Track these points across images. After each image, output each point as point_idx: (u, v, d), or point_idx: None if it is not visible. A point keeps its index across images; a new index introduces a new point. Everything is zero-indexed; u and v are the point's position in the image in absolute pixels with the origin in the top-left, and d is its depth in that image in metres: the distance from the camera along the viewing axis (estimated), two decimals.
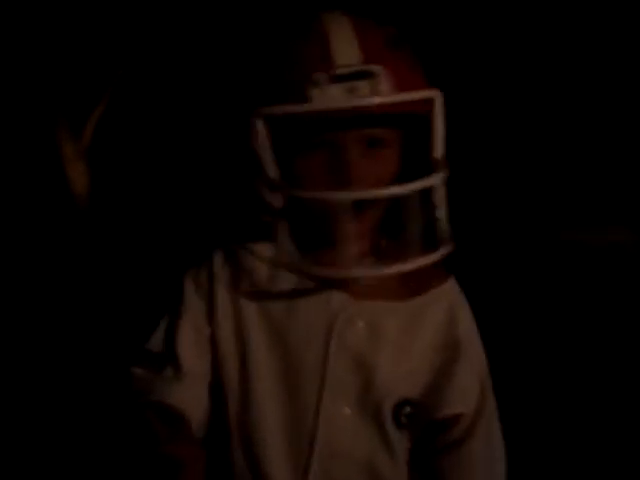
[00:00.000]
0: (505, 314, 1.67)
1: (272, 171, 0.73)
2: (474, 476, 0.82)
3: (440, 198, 0.74)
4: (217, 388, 0.84)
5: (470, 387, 0.82)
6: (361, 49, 0.71)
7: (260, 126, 0.72)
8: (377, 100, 0.69)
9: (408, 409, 0.80)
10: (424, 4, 1.62)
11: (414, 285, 0.80)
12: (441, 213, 0.75)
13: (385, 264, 0.74)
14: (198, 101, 1.63)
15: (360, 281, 0.78)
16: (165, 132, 1.68)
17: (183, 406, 0.80)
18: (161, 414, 0.80)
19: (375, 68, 0.70)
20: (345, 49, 0.71)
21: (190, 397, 0.82)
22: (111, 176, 1.70)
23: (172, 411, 0.80)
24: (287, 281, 0.80)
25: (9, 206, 1.68)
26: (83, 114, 1.67)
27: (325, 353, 0.79)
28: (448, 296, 0.84)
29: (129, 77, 1.68)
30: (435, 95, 0.74)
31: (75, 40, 1.62)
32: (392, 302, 0.81)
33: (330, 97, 0.69)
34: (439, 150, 0.75)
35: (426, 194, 0.74)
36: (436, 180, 0.73)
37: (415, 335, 0.81)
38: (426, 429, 0.82)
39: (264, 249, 0.80)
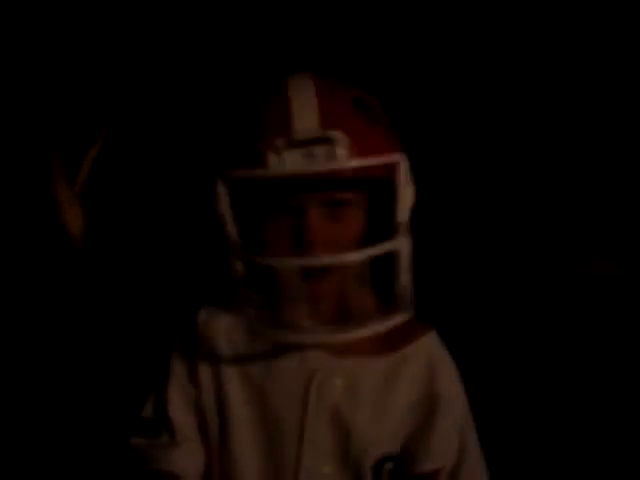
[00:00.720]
0: (511, 343, 1.68)
1: (233, 235, 0.74)
2: None
3: (403, 263, 0.72)
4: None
5: (449, 441, 0.81)
6: (321, 114, 0.71)
7: (222, 189, 0.73)
8: (332, 166, 0.69)
9: (390, 465, 0.80)
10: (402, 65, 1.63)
11: (392, 340, 0.79)
12: (404, 279, 0.73)
13: (339, 329, 0.73)
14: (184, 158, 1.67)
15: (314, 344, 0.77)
16: (156, 179, 1.72)
17: (182, 471, 0.82)
18: None
19: (333, 134, 0.70)
20: (304, 114, 0.71)
21: (187, 461, 0.83)
22: (105, 219, 1.73)
23: (172, 477, 0.81)
24: (265, 341, 0.80)
25: (4, 248, 1.72)
26: (77, 157, 1.69)
27: (303, 412, 0.79)
28: (427, 350, 0.83)
29: (121, 122, 1.72)
30: (398, 160, 0.73)
31: (68, 84, 1.66)
32: (370, 358, 0.80)
33: (288, 162, 0.69)
34: (402, 215, 0.73)
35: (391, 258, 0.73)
36: (395, 246, 0.71)
37: (393, 391, 0.81)
38: None
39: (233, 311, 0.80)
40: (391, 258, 0.72)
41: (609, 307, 1.69)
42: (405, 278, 0.72)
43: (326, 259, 0.71)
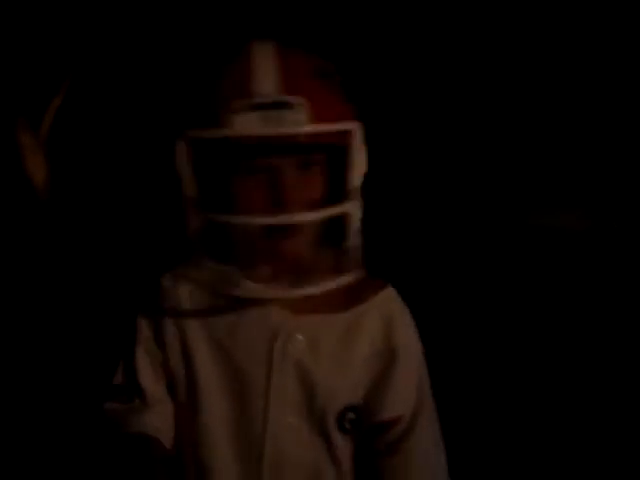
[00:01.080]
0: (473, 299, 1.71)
1: (190, 190, 0.76)
2: (417, 472, 0.86)
3: (353, 226, 0.76)
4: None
5: (407, 391, 0.87)
6: (282, 79, 0.74)
7: (182, 148, 0.75)
8: (287, 130, 0.72)
9: (351, 415, 0.85)
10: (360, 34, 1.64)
11: (350, 297, 0.84)
12: (354, 240, 0.77)
13: (294, 285, 0.77)
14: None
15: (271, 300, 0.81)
16: (120, 130, 1.72)
17: (155, 432, 0.86)
18: (139, 443, 0.86)
19: (292, 99, 0.73)
20: (264, 78, 0.74)
21: (159, 422, 0.88)
22: (70, 168, 1.72)
23: (146, 439, 0.86)
24: (228, 299, 0.83)
25: None
26: (41, 105, 1.67)
27: (269, 367, 0.83)
28: (384, 305, 0.87)
29: (86, 72, 1.70)
30: (352, 127, 0.76)
31: (33, 32, 1.62)
32: (330, 314, 0.84)
33: (244, 124, 0.72)
34: (354, 181, 0.77)
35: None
36: (345, 208, 0.75)
37: (353, 345, 0.85)
38: (367, 432, 0.86)
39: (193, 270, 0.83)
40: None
41: (570, 261, 1.72)
42: (355, 239, 0.76)
43: (283, 217, 0.74)
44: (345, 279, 0.76)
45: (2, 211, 1.67)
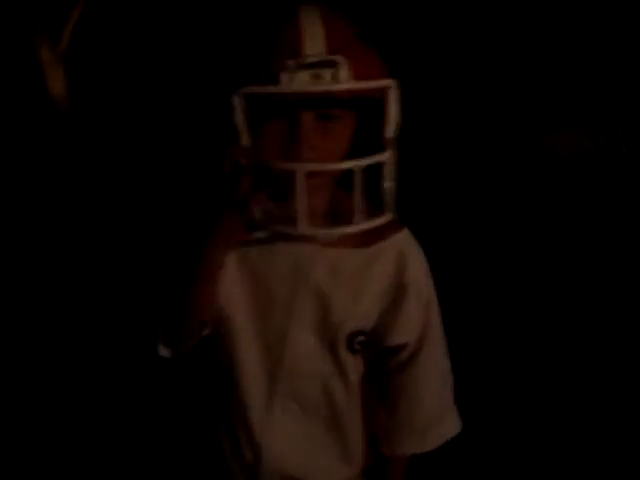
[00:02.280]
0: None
1: (246, 140, 0.86)
2: (421, 392, 1.01)
3: (389, 173, 0.87)
4: None
5: (415, 320, 1.00)
6: (327, 41, 0.83)
7: (238, 102, 0.84)
8: (337, 87, 0.82)
9: (361, 338, 0.99)
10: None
11: (370, 235, 0.95)
12: (389, 186, 0.87)
13: (334, 225, 0.90)
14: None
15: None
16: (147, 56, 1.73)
17: None
18: None
19: (337, 58, 0.82)
20: (313, 41, 0.83)
21: None
22: (89, 81, 1.74)
23: None
24: (267, 239, 0.96)
25: None
26: (60, 19, 1.70)
27: (293, 289, 0.96)
28: (400, 244, 1.00)
29: None
30: (390, 84, 0.86)
31: None
32: (351, 249, 0.97)
33: (297, 82, 0.82)
34: (390, 131, 0.87)
35: (377, 168, 0.87)
36: (385, 157, 0.86)
37: (368, 278, 0.99)
38: (377, 355, 1.01)
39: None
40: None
41: (571, 179, 1.79)
42: (389, 185, 0.87)
43: (329, 165, 0.85)
44: (380, 221, 0.87)
45: (24, 126, 1.71)
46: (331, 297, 0.97)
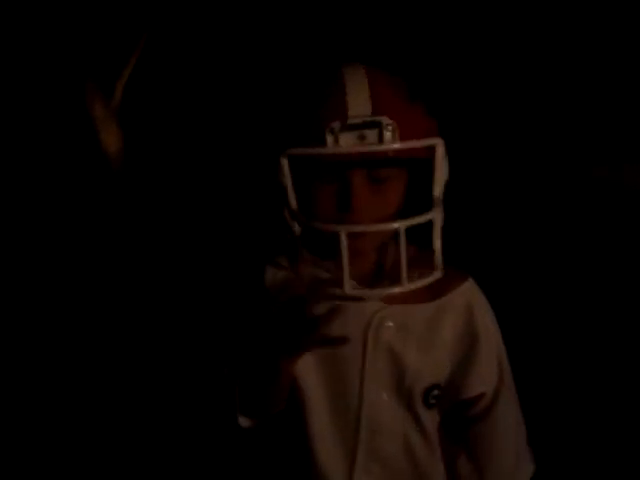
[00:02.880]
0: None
1: (293, 202, 0.87)
2: (500, 440, 0.99)
3: (436, 232, 0.86)
4: None
5: (489, 371, 0.99)
6: (372, 101, 0.84)
7: (285, 164, 0.86)
8: (381, 148, 0.82)
9: (436, 392, 0.97)
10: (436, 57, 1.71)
11: (436, 289, 0.94)
12: (436, 245, 0.86)
13: (383, 285, 0.89)
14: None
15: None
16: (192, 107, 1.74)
17: None
18: None
19: (382, 119, 0.82)
20: (358, 101, 0.84)
21: None
22: (143, 136, 1.73)
23: None
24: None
25: (41, 168, 1.73)
26: (113, 74, 1.70)
27: (363, 349, 0.95)
28: (466, 294, 0.99)
29: (158, 37, 1.71)
30: (437, 143, 0.85)
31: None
32: (417, 304, 0.96)
33: (343, 143, 0.82)
34: (437, 190, 0.86)
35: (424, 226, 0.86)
36: (431, 216, 0.84)
37: (438, 331, 0.97)
38: (452, 407, 0.99)
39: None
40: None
41: (609, 211, 1.76)
42: (438, 243, 0.86)
43: (374, 227, 0.84)
44: (432, 278, 0.86)
45: (77, 183, 1.71)
46: (403, 354, 0.95)
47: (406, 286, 0.83)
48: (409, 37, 1.66)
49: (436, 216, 0.85)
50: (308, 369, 0.96)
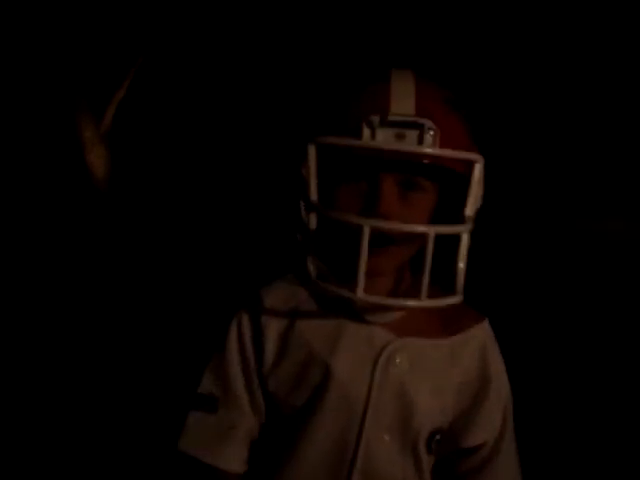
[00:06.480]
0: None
1: (313, 194, 0.79)
2: None
3: (463, 250, 0.79)
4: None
5: (494, 420, 0.90)
6: (416, 103, 0.79)
7: (312, 152, 0.79)
8: (421, 149, 0.76)
9: (438, 437, 0.87)
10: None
11: (452, 325, 0.88)
12: (461, 264, 0.79)
13: (395, 298, 0.81)
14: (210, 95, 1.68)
15: (368, 306, 0.83)
16: (187, 124, 1.72)
17: (232, 467, 0.90)
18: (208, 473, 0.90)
19: (424, 121, 0.77)
20: (402, 100, 0.79)
21: (239, 454, 0.90)
22: (131, 161, 1.72)
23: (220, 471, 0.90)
24: (330, 319, 0.87)
25: (29, 190, 1.71)
26: (103, 98, 1.70)
27: (369, 385, 0.84)
28: (482, 336, 0.91)
29: (150, 62, 1.72)
30: (477, 159, 0.80)
31: (96, 23, 1.67)
32: (431, 339, 0.87)
33: (380, 138, 0.76)
34: (471, 208, 0.80)
35: (450, 245, 0.79)
36: (462, 229, 0.78)
37: (451, 371, 0.88)
38: (450, 455, 0.89)
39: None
40: (446, 247, 0.78)
41: (615, 264, 1.77)
42: (462, 264, 0.78)
43: (401, 226, 0.76)
44: (454, 300, 0.78)
45: (62, 205, 1.69)
46: (414, 394, 0.85)
47: (425, 301, 0.75)
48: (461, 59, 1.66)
49: (465, 233, 0.78)
50: (314, 392, 0.86)
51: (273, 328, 0.89)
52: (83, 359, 1.66)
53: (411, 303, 0.77)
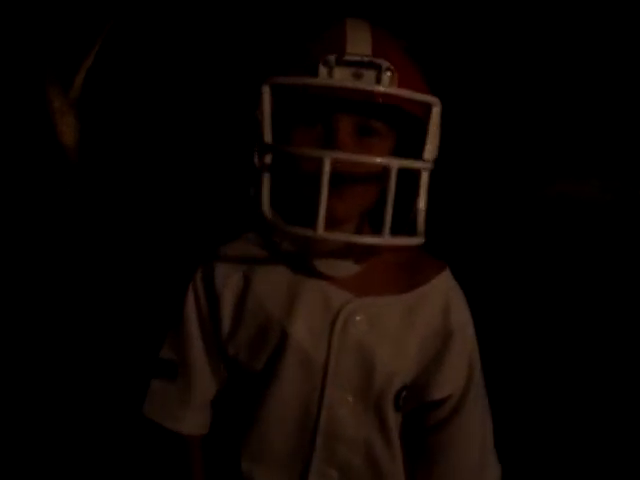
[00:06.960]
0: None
1: (267, 136, 0.77)
2: (464, 448, 0.87)
3: (423, 188, 0.77)
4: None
5: (459, 371, 0.87)
6: (373, 45, 0.78)
7: (266, 93, 0.76)
8: (378, 88, 0.75)
9: (404, 393, 0.85)
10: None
11: (411, 278, 0.85)
12: (421, 204, 0.77)
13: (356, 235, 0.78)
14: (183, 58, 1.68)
15: (327, 245, 0.81)
16: (157, 87, 1.71)
17: (193, 430, 0.90)
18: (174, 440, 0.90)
19: (382, 62, 0.76)
20: (358, 41, 0.78)
21: (200, 418, 0.91)
22: (100, 129, 1.70)
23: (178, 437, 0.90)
24: (286, 280, 0.84)
25: None
26: (72, 66, 1.68)
27: (328, 348, 0.82)
28: (442, 287, 0.88)
29: (119, 29, 1.71)
30: (434, 102, 0.78)
31: None
32: (389, 296, 0.85)
33: (337, 76, 0.75)
34: (430, 153, 0.78)
35: (409, 187, 0.77)
36: (421, 165, 0.76)
37: (412, 326, 0.85)
38: (416, 409, 0.87)
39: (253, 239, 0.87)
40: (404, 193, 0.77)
41: (590, 230, 1.78)
42: (422, 203, 0.77)
43: (361, 157, 0.74)
44: (416, 241, 0.76)
45: (32, 175, 1.65)
46: (375, 353, 0.83)
47: (387, 238, 0.73)
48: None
49: (425, 172, 0.77)
50: (273, 357, 0.83)
51: (228, 292, 0.86)
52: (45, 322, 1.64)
53: (373, 240, 0.74)
